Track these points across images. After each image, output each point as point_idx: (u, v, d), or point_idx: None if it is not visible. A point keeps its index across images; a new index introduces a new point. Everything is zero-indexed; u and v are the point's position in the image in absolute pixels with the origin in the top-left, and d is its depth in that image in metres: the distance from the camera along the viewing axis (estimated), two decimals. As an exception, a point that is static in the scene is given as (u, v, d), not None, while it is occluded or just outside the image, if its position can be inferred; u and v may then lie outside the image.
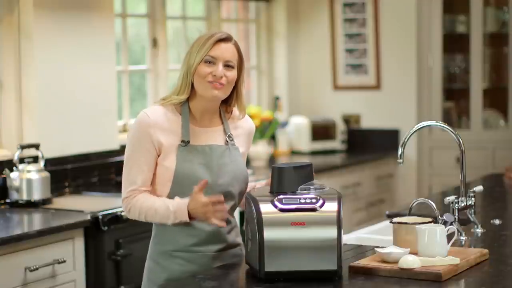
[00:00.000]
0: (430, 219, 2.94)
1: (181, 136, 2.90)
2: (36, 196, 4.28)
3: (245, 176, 2.98)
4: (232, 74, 2.90)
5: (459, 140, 3.31)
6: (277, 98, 6.77)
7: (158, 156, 2.90)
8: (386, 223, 3.53)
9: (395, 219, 2.99)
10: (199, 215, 2.80)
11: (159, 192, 2.92)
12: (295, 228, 2.63)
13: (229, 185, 2.92)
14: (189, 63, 2.89)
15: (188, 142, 2.90)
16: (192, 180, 2.86)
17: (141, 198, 2.89)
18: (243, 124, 3.04)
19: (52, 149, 4.60)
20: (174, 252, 2.91)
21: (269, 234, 2.62)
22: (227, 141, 2.96)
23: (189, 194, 2.82)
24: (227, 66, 2.88)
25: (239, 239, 3.04)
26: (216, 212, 2.76)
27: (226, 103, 3.00)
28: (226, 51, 2.89)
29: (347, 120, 6.90)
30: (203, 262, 2.90)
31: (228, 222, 2.93)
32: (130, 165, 2.90)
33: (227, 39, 2.91)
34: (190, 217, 2.81)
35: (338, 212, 2.65)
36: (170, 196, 2.89)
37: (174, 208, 2.83)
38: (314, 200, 2.66)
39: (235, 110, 3.02)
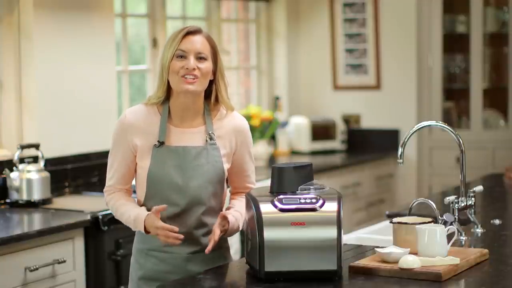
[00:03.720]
0: (430, 219, 2.94)
1: (157, 137, 2.90)
2: (36, 196, 4.28)
3: (221, 178, 2.93)
4: (205, 65, 2.87)
5: (459, 140, 3.31)
6: (277, 98, 6.77)
7: (136, 156, 2.92)
8: (386, 223, 3.54)
9: (395, 219, 2.98)
10: (152, 233, 2.85)
11: (138, 192, 2.96)
12: (295, 228, 2.63)
13: (202, 187, 2.89)
14: (162, 61, 2.89)
15: (163, 143, 2.89)
16: (165, 182, 2.87)
17: (115, 197, 2.97)
18: (228, 122, 2.97)
19: (52, 149, 4.60)
20: (149, 251, 2.95)
21: (269, 234, 2.62)
22: (207, 141, 2.92)
23: (163, 195, 2.87)
24: (199, 58, 2.86)
25: (223, 242, 3.00)
26: (168, 237, 2.80)
27: (209, 100, 2.96)
28: (196, 43, 2.86)
29: (347, 120, 6.90)
30: (176, 263, 2.91)
31: (203, 225, 2.92)
32: (110, 162, 2.97)
33: (196, 31, 2.89)
34: (146, 230, 2.86)
35: (338, 212, 2.65)
36: (146, 197, 2.91)
37: (134, 217, 2.88)
38: (314, 200, 2.66)
39: (223, 109, 2.98)
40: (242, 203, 2.92)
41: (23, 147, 4.34)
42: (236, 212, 2.94)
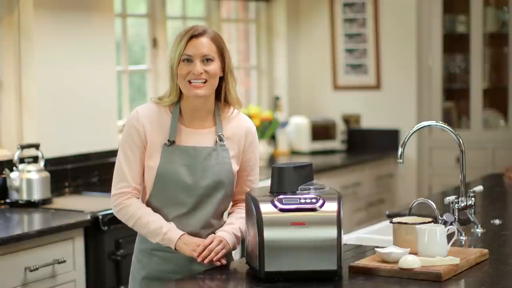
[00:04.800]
0: (430, 219, 2.95)
1: (168, 136, 2.90)
2: (36, 196, 4.28)
3: (230, 179, 2.94)
4: (212, 67, 2.87)
5: (459, 140, 3.31)
6: (277, 98, 6.77)
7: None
8: (386, 223, 3.54)
9: (395, 219, 2.99)
10: (185, 249, 2.85)
11: (144, 191, 2.94)
12: (295, 228, 2.63)
13: (212, 187, 2.90)
14: (171, 64, 2.89)
15: (174, 142, 2.89)
16: (174, 180, 2.87)
17: (137, 204, 2.91)
18: (237, 124, 2.98)
19: (52, 149, 4.60)
20: (152, 250, 2.94)
21: (269, 234, 2.62)
22: (216, 142, 2.93)
23: (171, 194, 2.86)
24: (206, 60, 2.86)
25: None
26: (204, 257, 2.81)
27: (220, 99, 2.96)
28: (200, 46, 2.85)
29: (347, 120, 6.90)
30: (179, 262, 2.91)
31: (210, 226, 2.93)
32: (120, 160, 2.92)
33: (199, 34, 2.87)
34: (181, 242, 2.85)
35: (338, 212, 2.65)
36: (152, 195, 2.91)
37: (167, 230, 2.86)
38: (314, 200, 2.66)
39: (231, 110, 2.98)
40: (240, 214, 2.93)
41: (23, 147, 4.34)
42: (229, 225, 2.94)
